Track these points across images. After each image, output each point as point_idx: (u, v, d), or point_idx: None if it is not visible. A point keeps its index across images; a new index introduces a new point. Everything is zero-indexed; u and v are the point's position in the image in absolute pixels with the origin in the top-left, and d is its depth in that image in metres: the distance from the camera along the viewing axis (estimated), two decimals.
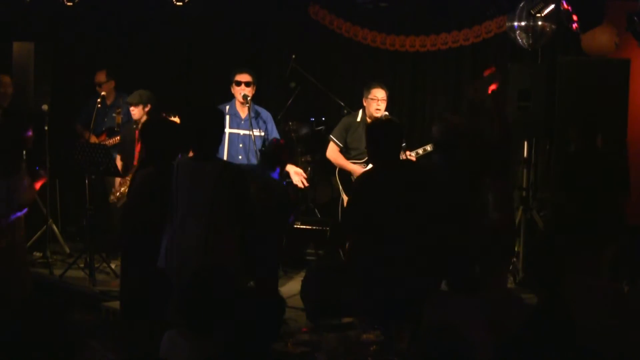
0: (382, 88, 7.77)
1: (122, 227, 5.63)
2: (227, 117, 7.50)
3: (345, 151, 7.97)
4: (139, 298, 4.78)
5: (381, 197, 5.44)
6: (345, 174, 7.95)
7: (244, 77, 7.66)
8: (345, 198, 7.86)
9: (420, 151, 7.91)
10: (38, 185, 6.67)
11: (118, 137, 8.44)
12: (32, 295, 6.22)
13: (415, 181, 5.58)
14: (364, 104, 7.86)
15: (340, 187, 8.00)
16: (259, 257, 6.48)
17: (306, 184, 7.69)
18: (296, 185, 7.63)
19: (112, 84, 8.76)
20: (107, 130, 8.62)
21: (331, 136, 8.05)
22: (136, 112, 7.94)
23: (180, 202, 5.28)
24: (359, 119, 7.92)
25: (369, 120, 7.78)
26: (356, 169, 7.80)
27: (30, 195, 6.46)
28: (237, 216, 5.33)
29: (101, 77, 8.72)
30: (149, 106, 8.04)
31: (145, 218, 5.37)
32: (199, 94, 9.23)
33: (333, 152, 8.02)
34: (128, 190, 5.81)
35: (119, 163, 8.04)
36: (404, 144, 7.04)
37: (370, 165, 7.59)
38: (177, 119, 7.94)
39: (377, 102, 7.74)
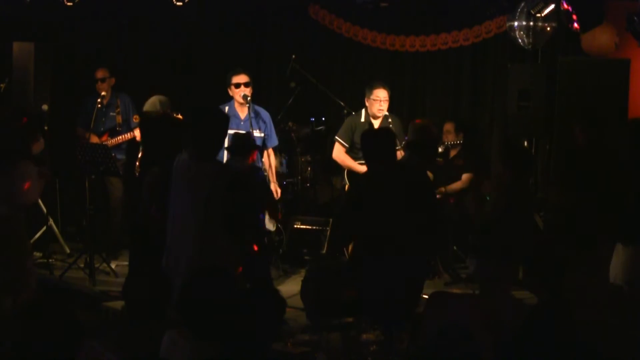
0: (384, 88, 7.81)
1: (131, 227, 5.59)
2: None
3: (351, 151, 7.94)
4: (146, 298, 4.76)
5: (383, 197, 5.49)
6: (354, 174, 7.84)
7: (243, 78, 7.66)
8: None
9: None
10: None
11: (121, 137, 8.47)
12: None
13: (414, 180, 5.70)
14: (366, 104, 7.87)
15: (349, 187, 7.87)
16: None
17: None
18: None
19: (112, 81, 8.75)
20: (108, 130, 8.61)
21: (337, 137, 8.02)
22: None
23: (176, 202, 5.23)
24: (363, 119, 7.92)
25: (372, 120, 7.81)
26: (364, 169, 7.75)
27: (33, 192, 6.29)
28: (231, 219, 5.23)
29: (104, 73, 8.69)
30: None
31: (155, 219, 5.35)
32: (198, 94, 9.22)
33: (339, 153, 7.97)
34: (127, 189, 5.77)
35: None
36: (398, 147, 7.05)
37: None
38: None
39: (379, 103, 7.78)
